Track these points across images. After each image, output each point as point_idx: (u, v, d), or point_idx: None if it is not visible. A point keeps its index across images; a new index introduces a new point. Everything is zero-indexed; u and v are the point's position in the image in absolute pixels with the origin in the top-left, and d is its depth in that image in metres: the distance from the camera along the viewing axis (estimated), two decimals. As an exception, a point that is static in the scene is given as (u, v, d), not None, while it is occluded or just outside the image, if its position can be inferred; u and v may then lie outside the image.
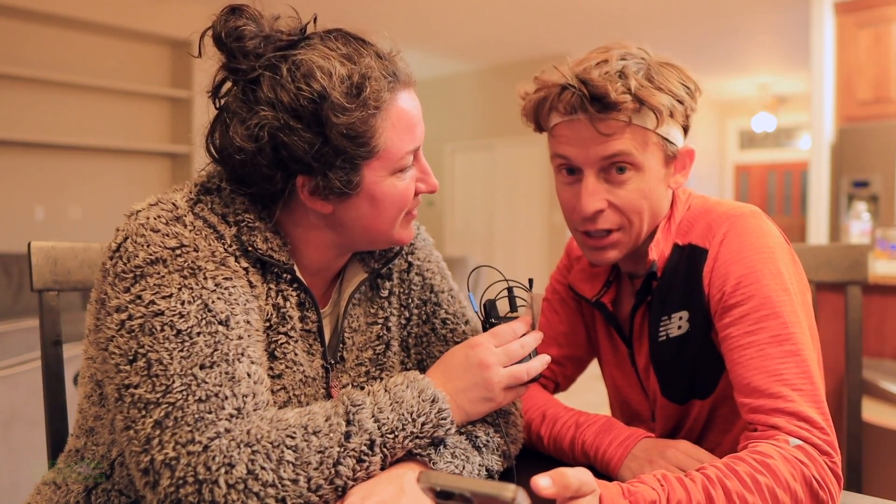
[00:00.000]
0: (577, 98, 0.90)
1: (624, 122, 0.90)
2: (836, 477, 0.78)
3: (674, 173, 0.99)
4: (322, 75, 0.76)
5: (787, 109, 8.41)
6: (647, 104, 0.90)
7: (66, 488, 0.84)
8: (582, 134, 0.92)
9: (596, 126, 0.91)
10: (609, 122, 0.90)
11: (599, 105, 0.89)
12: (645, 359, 1.04)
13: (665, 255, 0.98)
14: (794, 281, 0.91)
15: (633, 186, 0.93)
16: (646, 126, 0.92)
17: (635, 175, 0.93)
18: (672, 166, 0.98)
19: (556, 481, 0.63)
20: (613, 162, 0.92)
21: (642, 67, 0.93)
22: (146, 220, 0.77)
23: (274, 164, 0.78)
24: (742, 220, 0.93)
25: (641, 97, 0.89)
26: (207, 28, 0.79)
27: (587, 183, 0.93)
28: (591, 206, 0.93)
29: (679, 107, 0.93)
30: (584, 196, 0.93)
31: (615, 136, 0.91)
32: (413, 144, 0.83)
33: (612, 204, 0.94)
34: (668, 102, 0.91)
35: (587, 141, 0.92)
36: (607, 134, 0.91)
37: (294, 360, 0.84)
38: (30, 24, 4.67)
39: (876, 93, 3.83)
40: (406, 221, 0.88)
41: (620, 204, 0.94)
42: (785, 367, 0.83)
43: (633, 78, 0.90)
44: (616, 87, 0.89)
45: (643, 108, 0.90)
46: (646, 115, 0.91)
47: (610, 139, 0.91)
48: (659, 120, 0.91)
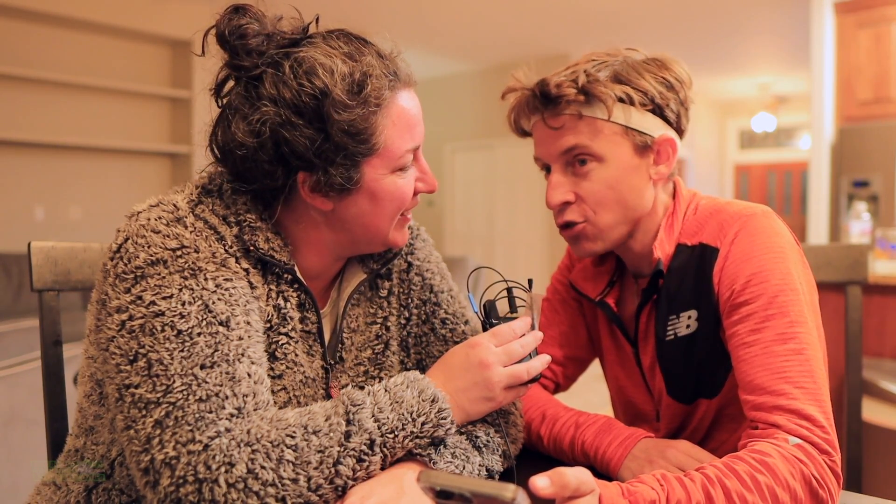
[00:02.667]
0: (532, 98, 0.98)
1: (574, 115, 0.96)
2: (835, 476, 0.78)
3: (653, 164, 0.99)
4: (324, 72, 0.77)
5: (787, 109, 8.41)
6: (592, 94, 0.94)
7: (67, 488, 0.84)
8: (543, 132, 0.99)
9: (547, 122, 0.98)
10: (559, 117, 0.97)
11: (546, 101, 0.97)
12: (650, 358, 1.04)
13: (669, 253, 0.99)
14: (803, 281, 0.91)
15: (597, 177, 0.97)
16: (596, 116, 0.95)
17: (598, 166, 0.97)
18: (649, 156, 0.98)
19: (554, 481, 0.63)
20: (575, 155, 0.97)
21: (612, 66, 0.97)
22: (147, 222, 0.77)
23: (275, 159, 0.79)
24: (754, 220, 0.94)
25: (587, 89, 0.94)
26: (211, 27, 0.80)
27: (552, 177, 0.99)
28: (554, 198, 0.98)
29: (638, 95, 0.95)
30: (549, 189, 0.99)
31: (566, 129, 0.97)
32: (413, 143, 0.84)
33: (578, 196, 0.98)
34: (616, 92, 0.94)
35: (547, 138, 0.99)
36: (556, 128, 0.97)
37: (294, 361, 0.84)
38: (30, 24, 4.67)
39: (876, 93, 3.83)
40: (400, 224, 0.89)
41: (585, 195, 0.98)
42: (789, 365, 0.83)
43: (582, 75, 0.95)
44: (561, 82, 0.95)
45: (592, 100, 0.95)
46: (596, 107, 0.95)
47: (563, 133, 0.97)
48: (609, 110, 0.94)
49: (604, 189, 0.97)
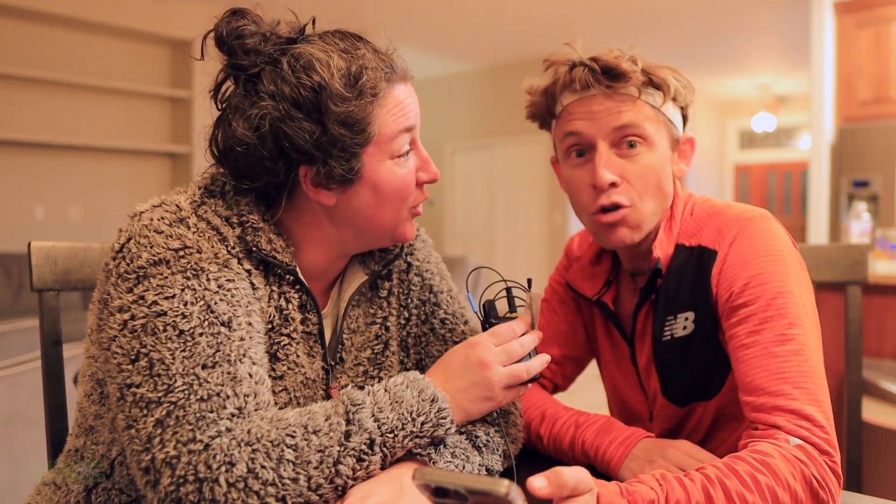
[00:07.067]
0: (589, 73, 0.96)
1: (634, 94, 0.96)
2: (836, 476, 0.78)
3: (678, 160, 1.03)
4: (321, 66, 0.78)
5: (787, 109, 8.41)
6: (655, 78, 0.96)
7: (66, 488, 0.84)
8: (594, 108, 0.97)
9: (609, 97, 0.96)
10: (620, 94, 0.96)
11: (611, 77, 0.95)
12: (646, 358, 1.04)
13: (668, 254, 0.99)
14: (801, 283, 0.92)
15: (644, 161, 0.97)
16: (653, 103, 0.98)
17: (646, 150, 0.98)
18: (676, 152, 1.03)
19: (551, 481, 0.63)
20: (625, 135, 0.97)
21: (643, 61, 0.99)
22: (150, 222, 0.77)
23: (276, 154, 0.79)
24: (752, 224, 0.94)
25: (649, 72, 0.96)
26: (210, 30, 0.81)
27: (601, 154, 0.97)
28: (607, 175, 0.96)
29: (681, 91, 0.99)
30: (600, 167, 0.96)
31: (627, 106, 0.96)
32: (406, 123, 0.84)
33: (624, 178, 0.97)
34: (672, 82, 0.97)
35: (600, 113, 0.97)
36: (619, 104, 0.96)
37: (296, 362, 0.84)
38: (30, 24, 4.67)
39: (876, 93, 3.83)
40: (409, 217, 0.89)
41: (632, 178, 0.97)
42: (788, 366, 0.83)
43: (638, 59, 0.97)
44: (625, 60, 0.96)
45: (650, 85, 0.97)
46: (653, 91, 0.97)
47: (622, 110, 0.96)
48: (665, 96, 0.97)
49: (649, 174, 0.97)
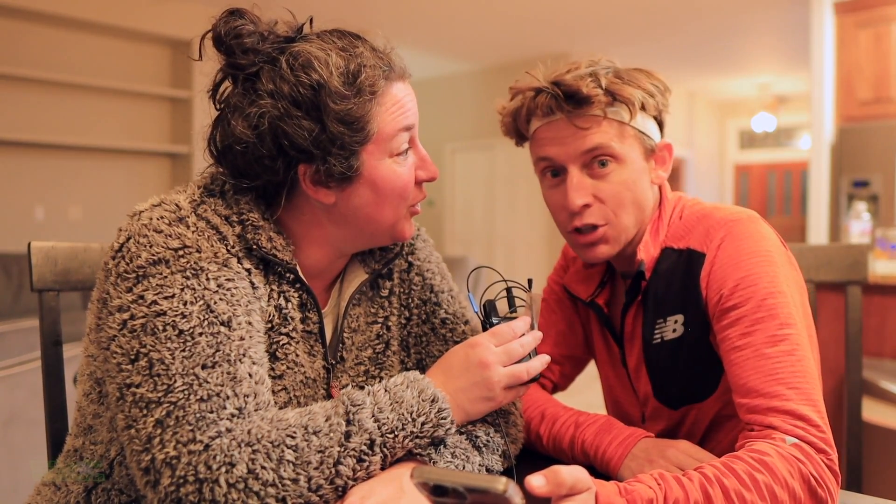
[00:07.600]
0: (552, 99, 0.96)
1: (599, 115, 0.96)
2: (833, 474, 0.78)
3: (655, 168, 1.03)
4: (320, 65, 0.78)
5: (787, 109, 8.40)
6: (619, 97, 0.95)
7: (66, 489, 0.84)
8: (561, 133, 0.97)
9: (573, 122, 0.96)
10: (585, 118, 0.96)
11: (574, 102, 0.95)
12: (636, 359, 1.05)
13: (654, 256, 1.00)
14: (791, 283, 0.92)
15: (617, 179, 0.97)
16: (621, 119, 0.97)
17: (617, 168, 0.97)
18: (652, 160, 1.02)
19: (549, 480, 0.63)
20: (595, 156, 0.97)
21: (610, 69, 0.98)
22: (149, 221, 0.77)
23: (275, 152, 0.79)
24: (739, 225, 0.94)
25: (612, 91, 0.95)
26: (207, 31, 0.81)
27: (572, 178, 0.97)
28: (577, 199, 0.96)
29: (650, 100, 0.98)
30: (570, 190, 0.97)
31: (592, 129, 0.96)
32: (405, 121, 0.84)
33: (597, 198, 0.97)
34: (639, 95, 0.96)
35: (567, 138, 0.97)
36: (584, 128, 0.96)
37: (295, 361, 0.84)
38: (30, 24, 4.67)
39: (876, 93, 3.83)
40: (408, 216, 0.89)
41: (605, 197, 0.97)
42: (781, 367, 0.83)
43: (602, 76, 0.96)
44: (587, 83, 0.94)
45: (616, 102, 0.96)
46: (619, 108, 0.96)
47: (588, 133, 0.96)
48: (632, 112, 0.96)
49: (623, 191, 0.97)
